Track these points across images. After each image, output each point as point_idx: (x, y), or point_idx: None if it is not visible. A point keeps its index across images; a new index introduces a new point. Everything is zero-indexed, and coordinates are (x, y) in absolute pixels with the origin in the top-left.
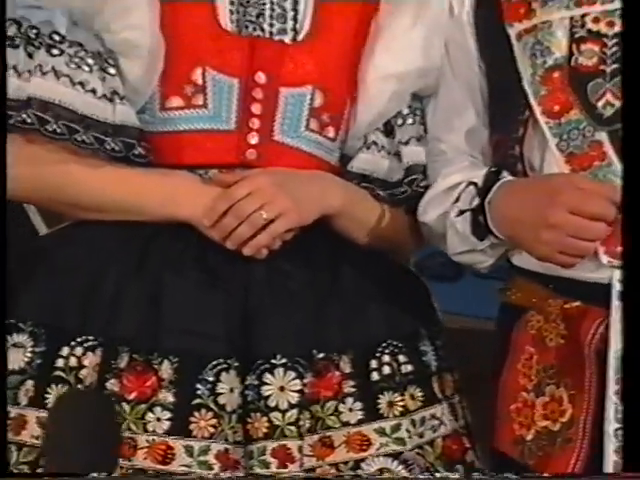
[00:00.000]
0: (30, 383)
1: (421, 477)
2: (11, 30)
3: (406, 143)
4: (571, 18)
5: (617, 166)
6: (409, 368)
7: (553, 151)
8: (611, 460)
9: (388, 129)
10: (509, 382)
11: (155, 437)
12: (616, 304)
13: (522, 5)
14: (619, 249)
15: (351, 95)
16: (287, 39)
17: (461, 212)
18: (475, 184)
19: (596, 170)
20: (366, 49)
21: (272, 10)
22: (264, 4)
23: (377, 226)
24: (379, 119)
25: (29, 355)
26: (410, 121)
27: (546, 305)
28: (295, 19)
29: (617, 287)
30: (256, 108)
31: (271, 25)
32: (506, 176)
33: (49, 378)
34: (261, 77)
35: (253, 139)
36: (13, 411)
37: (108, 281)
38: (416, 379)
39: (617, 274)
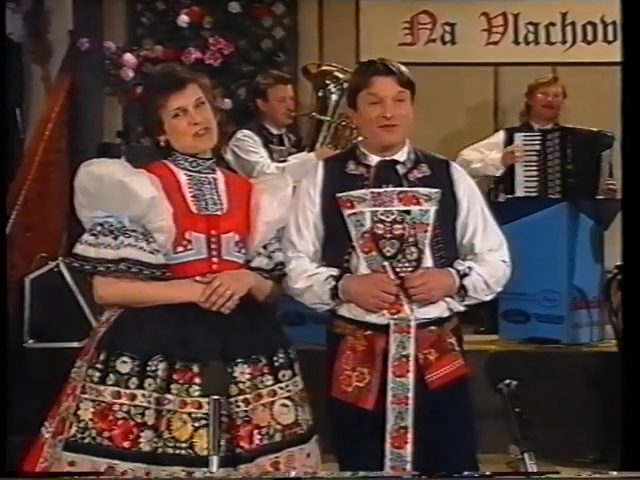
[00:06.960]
0: (134, 379)
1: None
2: (98, 228)
3: (273, 252)
4: (371, 211)
5: None
6: (286, 360)
7: (364, 266)
8: (389, 400)
9: (266, 246)
10: (338, 367)
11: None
12: (393, 328)
13: (348, 201)
14: (393, 311)
15: (250, 233)
16: (219, 213)
17: (330, 289)
18: (334, 276)
19: None
20: (252, 210)
21: (211, 200)
22: (204, 197)
23: (267, 290)
24: (261, 243)
25: (130, 366)
26: (274, 242)
27: (355, 333)
28: (221, 204)
29: (392, 325)
30: (213, 246)
31: (212, 208)
32: (348, 274)
33: (143, 376)
34: (212, 232)
35: (215, 259)
36: (128, 391)
37: (164, 330)
38: (289, 365)
39: (392, 321)
